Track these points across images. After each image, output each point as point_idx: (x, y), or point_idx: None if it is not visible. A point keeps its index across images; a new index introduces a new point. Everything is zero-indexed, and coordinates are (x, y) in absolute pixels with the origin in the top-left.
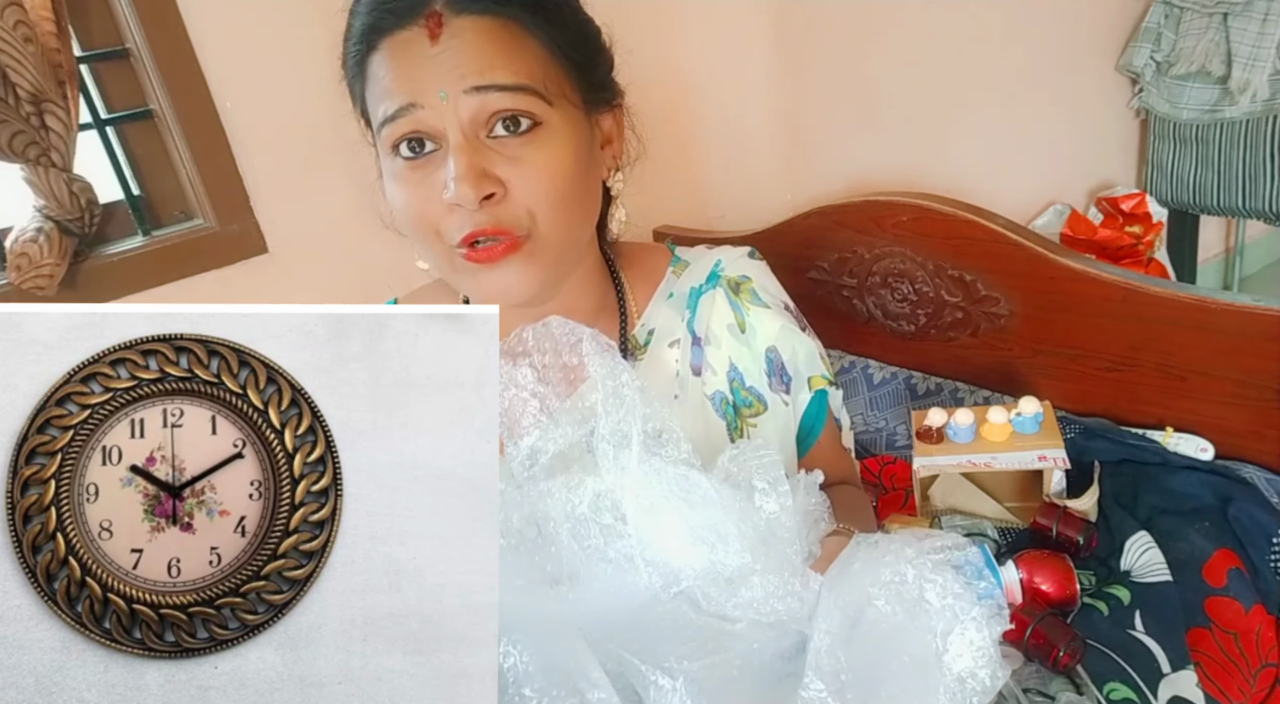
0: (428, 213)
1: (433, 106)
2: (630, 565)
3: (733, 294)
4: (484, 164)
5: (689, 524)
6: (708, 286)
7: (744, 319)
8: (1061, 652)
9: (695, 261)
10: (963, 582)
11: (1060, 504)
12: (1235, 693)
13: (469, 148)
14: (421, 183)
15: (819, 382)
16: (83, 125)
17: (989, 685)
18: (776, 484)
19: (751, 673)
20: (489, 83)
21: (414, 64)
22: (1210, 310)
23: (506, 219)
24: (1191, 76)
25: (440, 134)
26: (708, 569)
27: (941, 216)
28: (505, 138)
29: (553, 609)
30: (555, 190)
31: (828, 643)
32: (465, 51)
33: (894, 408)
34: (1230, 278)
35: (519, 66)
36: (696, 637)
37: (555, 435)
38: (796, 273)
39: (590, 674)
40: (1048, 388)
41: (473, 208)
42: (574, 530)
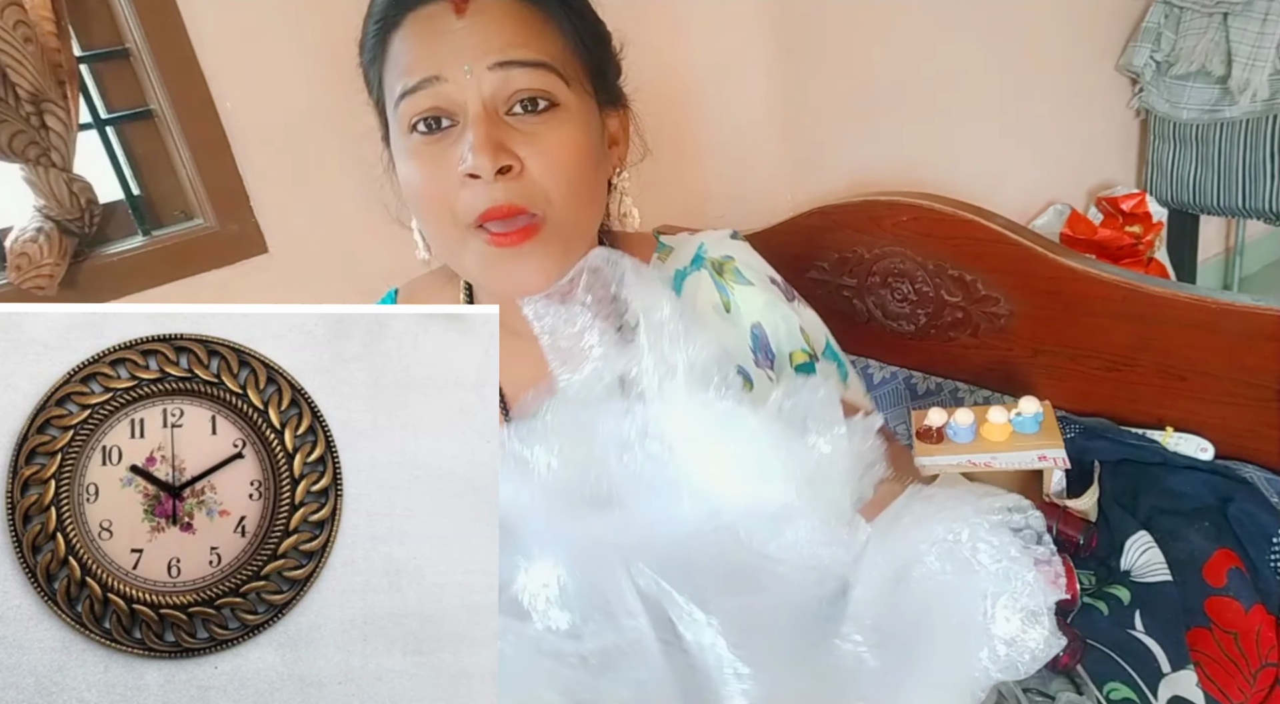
0: (442, 189)
1: (456, 80)
2: (674, 494)
3: (717, 275)
4: (502, 137)
5: (734, 458)
6: (692, 269)
7: (729, 298)
8: (1061, 652)
9: (679, 247)
10: (1020, 546)
11: (1060, 504)
12: (1235, 693)
13: (488, 119)
14: (437, 158)
15: (800, 356)
16: (83, 125)
17: (1038, 653)
18: (831, 425)
19: (788, 615)
20: (513, 59)
21: (438, 38)
22: (1210, 310)
23: (521, 196)
24: (1191, 76)
25: (460, 108)
26: (751, 505)
27: (941, 216)
28: (523, 116)
29: (597, 533)
30: (569, 170)
31: (871, 595)
32: (490, 27)
33: (894, 408)
34: (1230, 278)
35: (541, 45)
36: (737, 573)
37: (613, 362)
38: (796, 273)
39: (627, 601)
40: (1048, 388)
41: (489, 179)
42: (620, 455)
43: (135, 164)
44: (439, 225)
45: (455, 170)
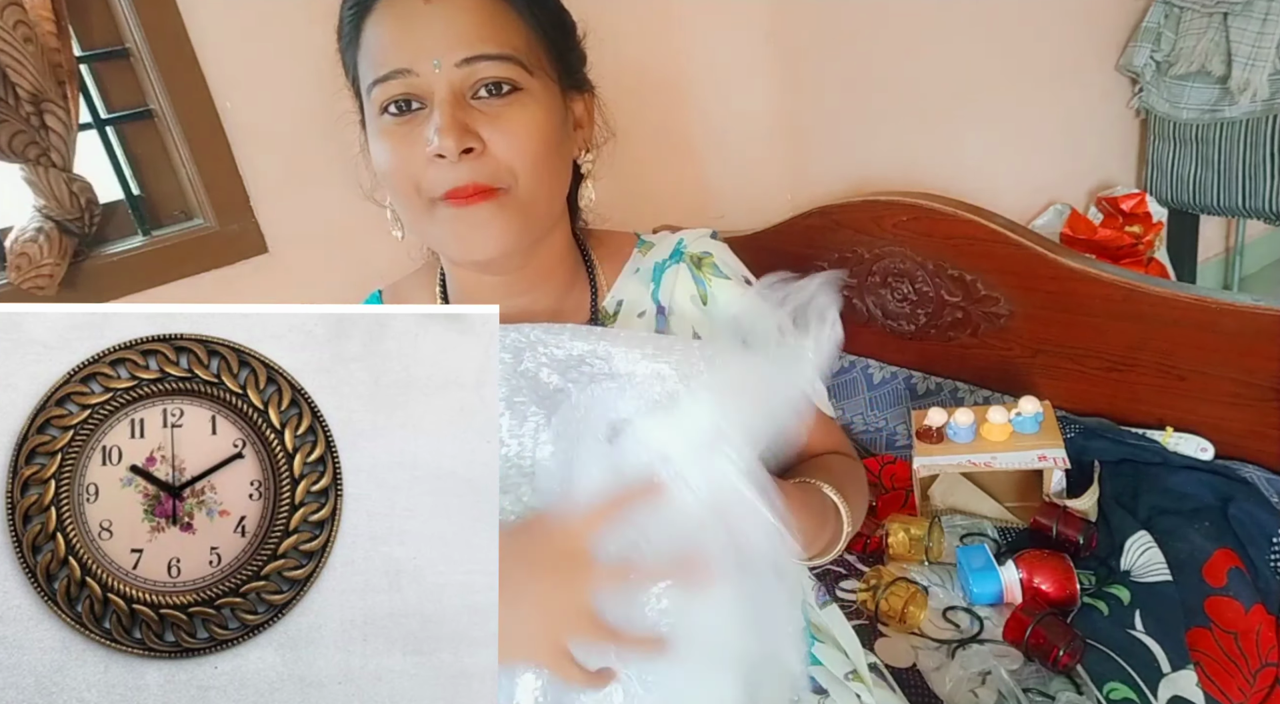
0: (409, 166)
1: (425, 74)
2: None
3: (695, 269)
4: (466, 120)
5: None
6: (670, 262)
7: (705, 291)
8: (1061, 652)
9: (659, 242)
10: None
11: (1060, 504)
12: (1235, 693)
13: (453, 103)
14: (405, 137)
15: None
16: (83, 125)
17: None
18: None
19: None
20: (479, 53)
21: (407, 28)
22: (1210, 310)
23: (485, 175)
24: (1191, 76)
25: (429, 94)
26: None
27: (941, 216)
28: (487, 99)
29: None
30: (532, 149)
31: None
32: (457, 18)
33: (894, 408)
34: (1230, 278)
35: (506, 38)
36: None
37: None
38: (797, 273)
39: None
40: (1048, 388)
41: (453, 159)
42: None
43: (135, 164)
44: (407, 200)
45: (423, 150)
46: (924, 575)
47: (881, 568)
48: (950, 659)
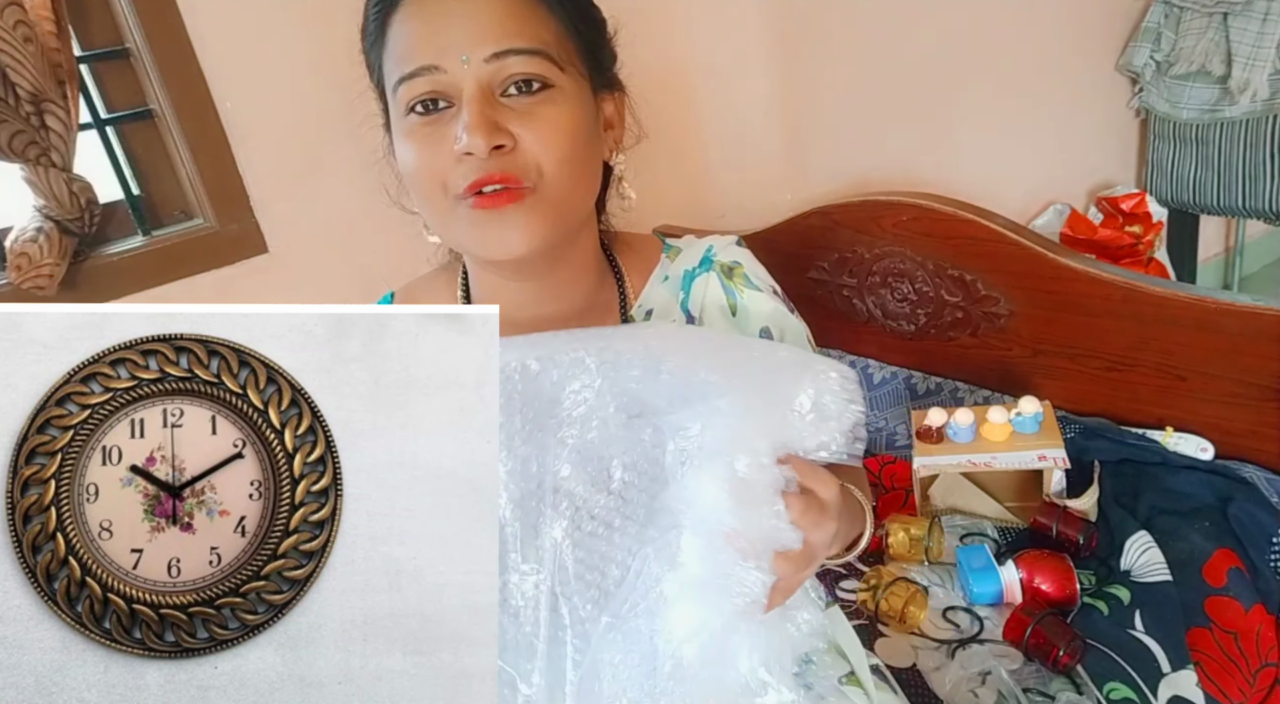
0: (436, 165)
1: (453, 70)
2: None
3: (725, 278)
4: (496, 117)
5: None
6: (700, 270)
7: (736, 302)
8: (1061, 652)
9: (687, 248)
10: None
11: (1060, 504)
12: (1235, 693)
13: (482, 100)
14: (432, 136)
15: None
16: (83, 125)
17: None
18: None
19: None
20: (509, 48)
21: (435, 23)
22: (1210, 310)
23: (514, 169)
24: (1191, 76)
25: (457, 92)
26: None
27: (941, 216)
28: (517, 97)
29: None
30: (562, 147)
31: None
32: (486, 14)
33: (894, 408)
34: (1230, 278)
35: (536, 32)
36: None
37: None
38: (796, 273)
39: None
40: (1048, 388)
41: (483, 156)
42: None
43: (135, 164)
44: (432, 200)
45: (451, 148)
46: (924, 575)
47: (881, 568)
48: (950, 659)
